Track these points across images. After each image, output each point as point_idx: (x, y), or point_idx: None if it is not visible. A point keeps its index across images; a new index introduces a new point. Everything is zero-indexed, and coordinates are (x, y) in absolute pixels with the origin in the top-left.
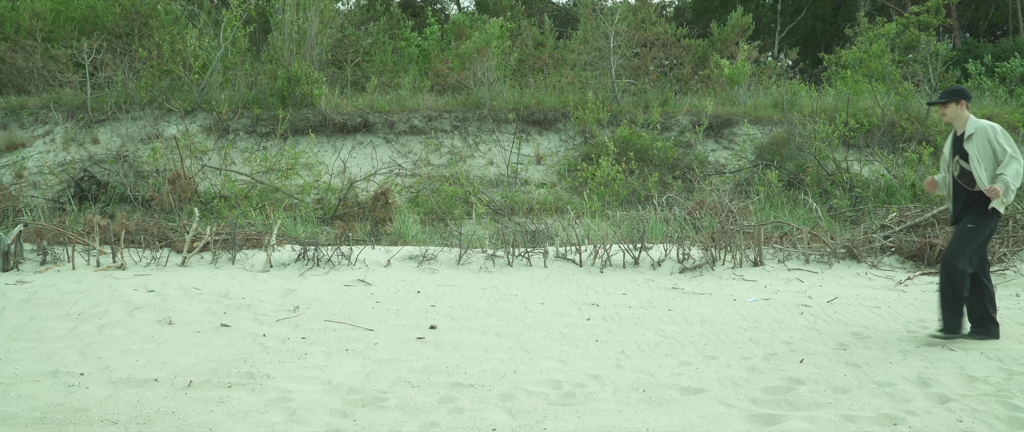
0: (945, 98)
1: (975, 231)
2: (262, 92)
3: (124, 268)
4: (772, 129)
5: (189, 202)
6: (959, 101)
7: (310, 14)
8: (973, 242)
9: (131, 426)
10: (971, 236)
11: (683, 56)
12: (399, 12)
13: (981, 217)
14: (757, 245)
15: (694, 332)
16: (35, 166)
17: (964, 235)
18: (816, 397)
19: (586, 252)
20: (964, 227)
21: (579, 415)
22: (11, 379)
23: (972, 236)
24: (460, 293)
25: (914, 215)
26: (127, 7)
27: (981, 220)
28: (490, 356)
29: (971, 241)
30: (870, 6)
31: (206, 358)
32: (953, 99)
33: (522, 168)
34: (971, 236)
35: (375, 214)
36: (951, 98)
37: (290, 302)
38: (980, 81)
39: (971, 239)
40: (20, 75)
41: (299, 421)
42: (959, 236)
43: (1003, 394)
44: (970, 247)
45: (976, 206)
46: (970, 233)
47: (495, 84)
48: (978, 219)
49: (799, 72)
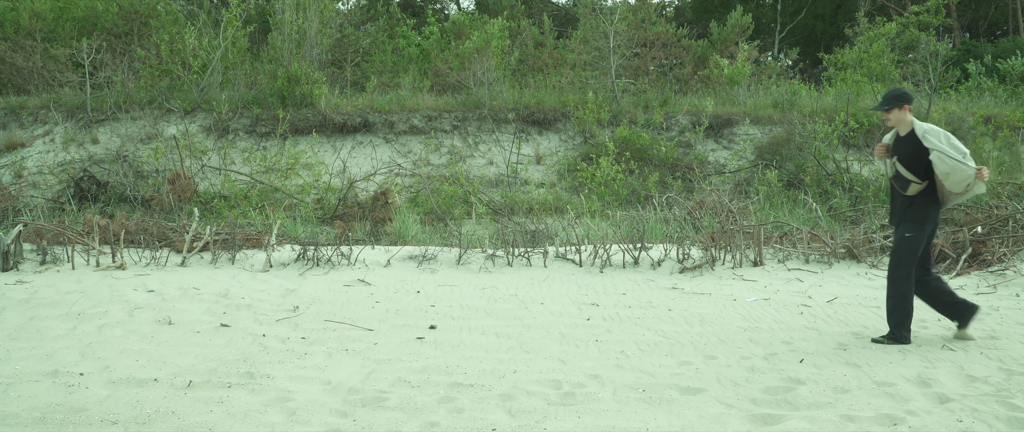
0: (888, 103)
1: (914, 239)
2: (262, 92)
3: (124, 268)
4: (772, 129)
5: (189, 202)
6: (902, 106)
7: (310, 14)
8: (914, 250)
9: (131, 426)
10: (911, 245)
11: (683, 56)
12: (399, 12)
13: (916, 224)
14: (757, 245)
15: (694, 332)
16: (35, 166)
17: (904, 245)
18: (816, 397)
19: (586, 252)
20: (902, 236)
21: (579, 415)
22: (11, 379)
23: (912, 245)
24: (460, 293)
25: None
26: (127, 7)
27: (917, 227)
28: (490, 356)
29: (912, 249)
30: (870, 6)
31: (206, 358)
32: (896, 104)
33: (522, 168)
34: (911, 245)
35: (375, 214)
36: (894, 103)
37: (290, 302)
38: (980, 81)
39: (912, 248)
40: (20, 75)
41: (299, 421)
42: (899, 246)
43: (1003, 394)
44: (912, 256)
45: (910, 211)
46: (909, 242)
47: (495, 84)
48: (914, 226)
49: (799, 72)
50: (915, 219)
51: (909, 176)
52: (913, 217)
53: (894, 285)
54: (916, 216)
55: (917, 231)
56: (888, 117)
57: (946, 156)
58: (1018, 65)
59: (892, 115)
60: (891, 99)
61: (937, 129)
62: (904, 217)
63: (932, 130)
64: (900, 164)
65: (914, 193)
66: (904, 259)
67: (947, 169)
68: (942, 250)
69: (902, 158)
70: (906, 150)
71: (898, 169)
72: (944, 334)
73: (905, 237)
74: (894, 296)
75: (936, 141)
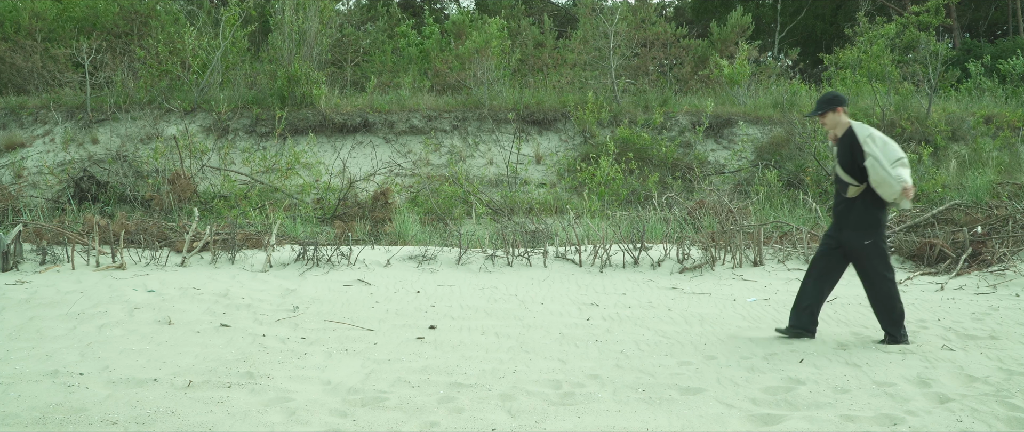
0: (821, 108)
1: (874, 244)
2: (262, 92)
3: (124, 268)
4: (772, 129)
5: (189, 202)
6: (835, 108)
7: (310, 14)
8: (880, 252)
9: (130, 426)
10: (874, 250)
11: (683, 56)
12: (399, 12)
13: (869, 231)
14: (757, 245)
15: (694, 332)
16: (35, 166)
17: (869, 252)
18: (816, 397)
19: (586, 252)
20: (862, 246)
21: (579, 415)
22: (10, 379)
23: (874, 250)
24: (460, 293)
25: (914, 215)
26: (127, 7)
27: (872, 233)
28: (490, 356)
29: (877, 253)
30: (870, 6)
31: (206, 358)
32: (829, 107)
33: (522, 168)
34: (874, 250)
35: (375, 214)
36: (827, 107)
37: (290, 302)
38: (980, 81)
39: (875, 252)
40: (20, 75)
41: (299, 421)
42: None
43: (1003, 394)
44: (881, 258)
45: (853, 215)
46: (871, 248)
47: (495, 84)
48: (870, 233)
49: (799, 72)
50: (863, 225)
51: (846, 178)
52: (859, 224)
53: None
54: (863, 221)
55: (874, 236)
56: (823, 121)
57: (879, 165)
58: (1018, 65)
59: (827, 119)
60: (824, 103)
61: (877, 134)
62: (849, 222)
63: (874, 136)
64: (838, 167)
65: (853, 195)
66: (875, 265)
67: (878, 179)
68: (942, 250)
69: (839, 160)
70: (842, 152)
71: (837, 172)
72: (943, 334)
73: (865, 246)
74: (880, 300)
75: (874, 147)
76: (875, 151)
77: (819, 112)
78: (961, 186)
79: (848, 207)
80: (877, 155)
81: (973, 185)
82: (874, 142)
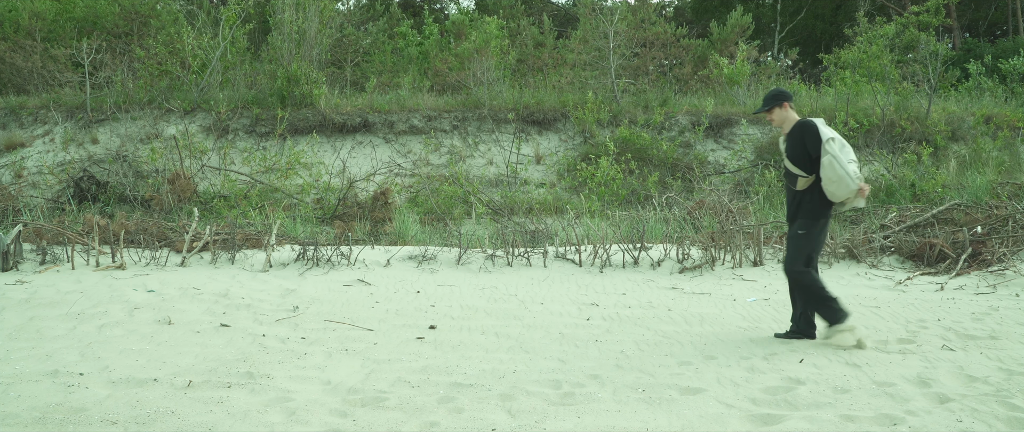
0: (768, 104)
1: (806, 236)
2: (261, 92)
3: (123, 268)
4: (772, 129)
5: (188, 202)
6: (782, 104)
7: (309, 14)
8: (806, 247)
9: (130, 426)
10: (802, 242)
11: (683, 56)
12: (399, 12)
13: (809, 221)
14: (757, 245)
15: (694, 332)
16: (34, 166)
17: (795, 242)
18: (816, 397)
19: (586, 252)
20: (794, 233)
21: (579, 415)
22: (10, 379)
23: (803, 241)
24: (460, 293)
25: (914, 215)
26: (127, 7)
27: (810, 224)
28: (490, 356)
29: (804, 246)
30: (870, 6)
31: (206, 358)
32: (776, 103)
33: (522, 168)
34: (802, 242)
35: (375, 214)
36: (774, 103)
37: (290, 302)
38: (980, 81)
39: (803, 244)
40: (20, 75)
41: (299, 421)
42: (791, 244)
43: (1003, 394)
44: (804, 252)
45: (802, 208)
46: (801, 239)
47: (494, 84)
48: (806, 223)
49: (799, 72)
50: (807, 215)
51: (796, 171)
52: (805, 213)
53: (796, 282)
54: (808, 212)
55: (809, 228)
56: (771, 117)
57: (838, 164)
58: (1018, 65)
59: (774, 114)
60: (770, 99)
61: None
62: (797, 214)
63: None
64: (788, 160)
65: (803, 188)
66: (796, 255)
67: (834, 176)
68: (942, 250)
69: (789, 154)
70: (791, 145)
71: (786, 165)
72: (943, 334)
73: (798, 234)
74: (803, 291)
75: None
76: (833, 150)
77: (766, 108)
78: (961, 186)
79: (797, 200)
80: (835, 153)
81: (973, 185)
82: (834, 143)
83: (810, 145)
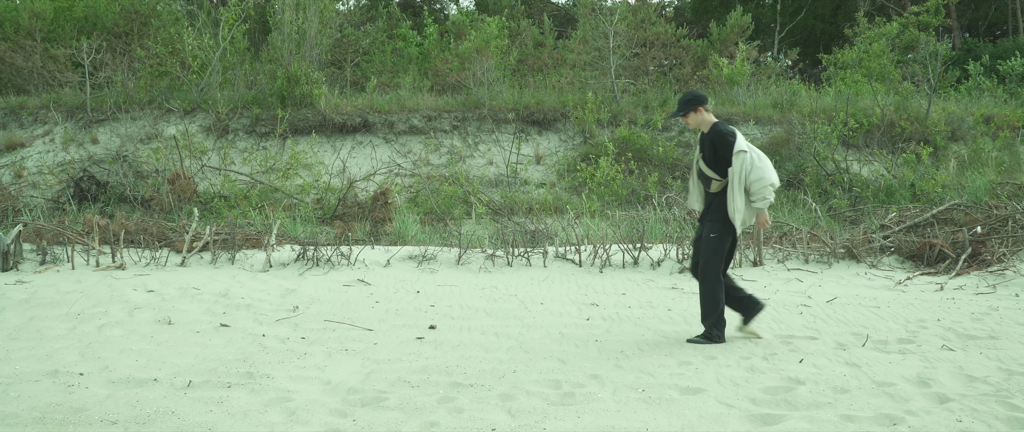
0: (683, 108)
1: (719, 239)
2: (261, 92)
3: (123, 268)
4: (771, 129)
5: (188, 202)
6: (697, 108)
7: (309, 14)
8: (721, 250)
9: (130, 426)
10: (717, 245)
11: (682, 56)
12: (398, 12)
13: (721, 224)
14: (757, 245)
15: (694, 332)
16: (34, 166)
17: (710, 245)
18: (816, 397)
19: (586, 252)
20: (708, 237)
21: (578, 415)
22: (10, 379)
23: (718, 244)
24: (460, 293)
25: (913, 215)
26: (127, 7)
27: (722, 228)
28: (490, 356)
29: (719, 250)
30: (869, 6)
31: (206, 358)
32: (690, 107)
33: (522, 168)
34: (717, 245)
35: (375, 214)
36: (688, 107)
37: (290, 302)
38: (980, 81)
39: (718, 248)
40: (20, 75)
41: (298, 421)
42: (706, 248)
43: (1002, 394)
44: (719, 256)
45: (713, 210)
46: (715, 242)
47: (494, 84)
48: (718, 227)
49: (798, 72)
50: (719, 218)
51: (710, 173)
52: (716, 216)
53: (704, 285)
54: (720, 215)
55: (721, 230)
56: (687, 121)
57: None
58: (1018, 66)
59: (690, 118)
60: (685, 103)
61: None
62: (709, 216)
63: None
64: (702, 161)
65: (716, 190)
66: (711, 259)
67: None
68: (941, 250)
69: (703, 155)
70: (706, 147)
71: (700, 166)
72: (943, 334)
73: (711, 237)
74: (706, 296)
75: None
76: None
77: (681, 112)
78: (961, 186)
79: (710, 201)
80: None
81: (973, 185)
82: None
83: (722, 153)
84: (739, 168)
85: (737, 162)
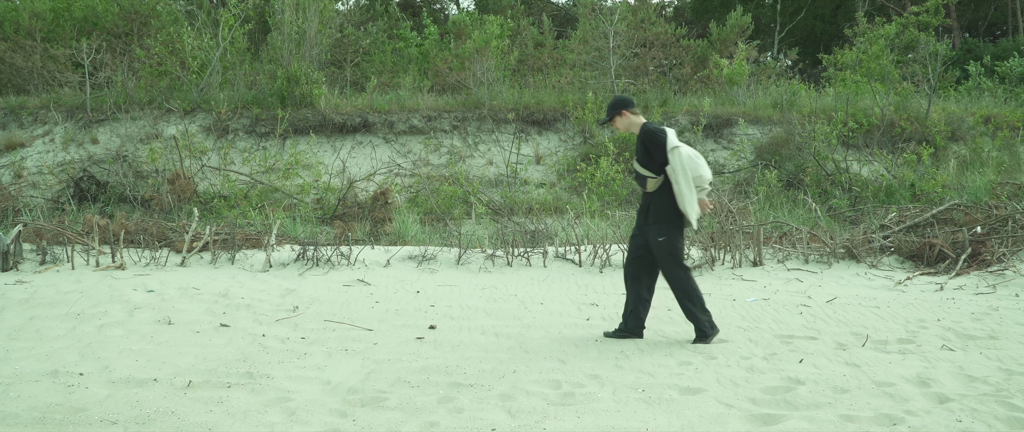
0: (609, 114)
1: (668, 241)
2: (261, 92)
3: (123, 268)
4: (771, 129)
5: (188, 202)
6: (622, 112)
7: (309, 14)
8: (673, 250)
9: (130, 426)
10: (667, 246)
11: (682, 56)
12: (398, 12)
13: (662, 226)
14: (756, 245)
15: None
16: (34, 166)
17: (660, 249)
18: (815, 397)
19: (585, 252)
20: (656, 241)
21: (578, 415)
22: (10, 379)
23: (668, 246)
24: (459, 293)
25: (913, 215)
26: (126, 7)
27: (664, 228)
28: (489, 356)
29: (670, 250)
30: (869, 6)
31: (205, 358)
32: (615, 112)
33: (521, 168)
34: (667, 246)
35: (374, 214)
36: (614, 112)
37: (289, 302)
38: (980, 81)
39: (669, 248)
40: (20, 75)
41: (298, 421)
42: (658, 252)
43: (1002, 394)
44: (674, 256)
45: (652, 211)
46: (664, 245)
47: (494, 84)
48: (663, 228)
49: (798, 72)
50: (661, 219)
51: (644, 172)
52: (658, 217)
53: (674, 289)
54: (661, 216)
55: (667, 232)
56: (616, 126)
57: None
58: (1017, 66)
59: (617, 123)
60: (610, 109)
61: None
62: (650, 218)
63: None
64: (636, 162)
65: (652, 189)
66: (668, 260)
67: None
68: (942, 250)
69: (637, 157)
70: (639, 148)
71: (635, 166)
72: (943, 334)
73: (659, 242)
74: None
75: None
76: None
77: (607, 119)
78: (961, 186)
79: (648, 201)
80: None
81: (972, 185)
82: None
83: (655, 153)
84: (678, 162)
85: (674, 158)
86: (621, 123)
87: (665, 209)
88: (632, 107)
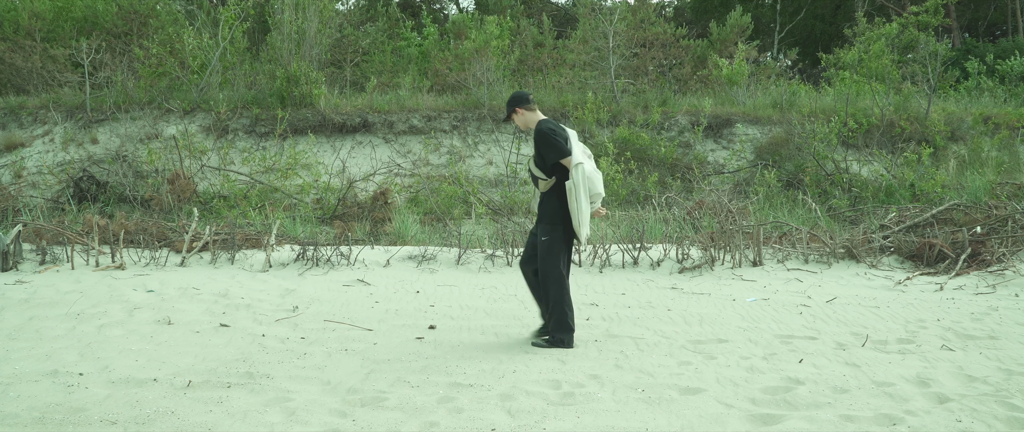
0: (507, 111)
1: (550, 241)
2: (261, 92)
3: (123, 268)
4: (771, 129)
5: (188, 202)
6: (516, 109)
7: (309, 14)
8: (554, 250)
9: (130, 426)
10: (549, 247)
11: (682, 56)
12: (398, 12)
13: (549, 226)
14: (756, 245)
15: (693, 332)
16: (34, 166)
17: (543, 249)
18: (815, 397)
19: (585, 252)
20: (541, 241)
21: (578, 415)
22: (10, 379)
23: (550, 246)
24: (459, 293)
25: (913, 215)
26: (126, 7)
27: (550, 228)
28: (489, 356)
29: (552, 252)
30: (869, 6)
31: (205, 358)
32: (511, 109)
33: (521, 168)
34: (549, 247)
35: (374, 214)
36: (509, 109)
37: (289, 302)
38: (980, 81)
39: (550, 249)
40: (19, 75)
41: (298, 421)
42: (541, 250)
43: (1002, 394)
44: (554, 257)
45: (542, 210)
46: (547, 245)
47: (494, 84)
48: (548, 228)
49: (798, 72)
50: (548, 219)
51: (536, 172)
52: (545, 217)
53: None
54: (548, 216)
55: (551, 232)
56: (515, 122)
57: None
58: (1017, 66)
59: (515, 119)
60: (507, 105)
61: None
62: (540, 217)
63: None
64: (531, 161)
65: (544, 190)
66: (548, 260)
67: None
68: (941, 250)
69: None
70: (535, 147)
71: (529, 166)
72: (942, 334)
73: (543, 241)
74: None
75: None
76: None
77: (506, 116)
78: (960, 186)
79: (541, 200)
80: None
81: (972, 185)
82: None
83: (545, 153)
84: (581, 180)
85: (577, 174)
86: (518, 120)
87: (553, 211)
88: (527, 103)
